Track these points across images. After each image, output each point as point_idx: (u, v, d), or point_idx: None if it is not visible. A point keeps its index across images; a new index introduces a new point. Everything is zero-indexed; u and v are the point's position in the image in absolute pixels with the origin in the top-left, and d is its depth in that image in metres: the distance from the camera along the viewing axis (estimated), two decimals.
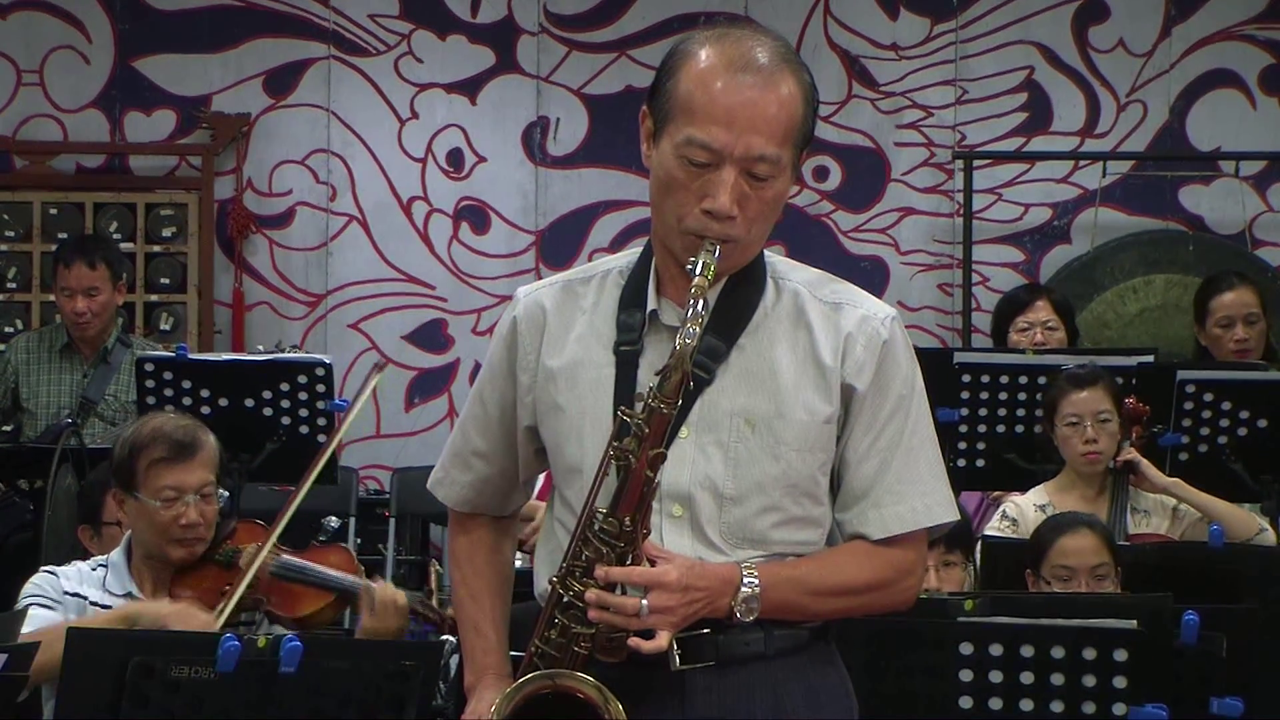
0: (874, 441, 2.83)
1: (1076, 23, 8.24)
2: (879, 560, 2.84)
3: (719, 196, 2.74)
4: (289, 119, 8.20)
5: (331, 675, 3.37)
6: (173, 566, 4.16)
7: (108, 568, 4.16)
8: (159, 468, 4.12)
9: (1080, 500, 5.25)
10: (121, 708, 3.28)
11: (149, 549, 4.15)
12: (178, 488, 4.12)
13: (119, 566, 4.16)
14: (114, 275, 6.69)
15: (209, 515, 4.16)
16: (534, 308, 2.93)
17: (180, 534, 4.12)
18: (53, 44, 8.15)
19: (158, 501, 4.11)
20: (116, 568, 4.15)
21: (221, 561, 4.18)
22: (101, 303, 6.64)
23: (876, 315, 2.86)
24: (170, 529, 4.11)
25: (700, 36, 2.81)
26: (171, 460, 4.13)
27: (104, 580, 4.13)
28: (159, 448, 4.14)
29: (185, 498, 4.12)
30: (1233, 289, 6.40)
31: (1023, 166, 8.25)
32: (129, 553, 4.18)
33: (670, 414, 2.71)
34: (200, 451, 4.17)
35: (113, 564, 4.17)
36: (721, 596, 2.74)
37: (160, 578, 4.16)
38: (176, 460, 4.13)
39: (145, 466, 4.13)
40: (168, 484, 4.11)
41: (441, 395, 8.21)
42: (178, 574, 4.16)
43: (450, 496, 3.05)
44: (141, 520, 4.14)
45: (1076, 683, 3.55)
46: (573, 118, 8.22)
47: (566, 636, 2.74)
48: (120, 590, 4.11)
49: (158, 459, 4.13)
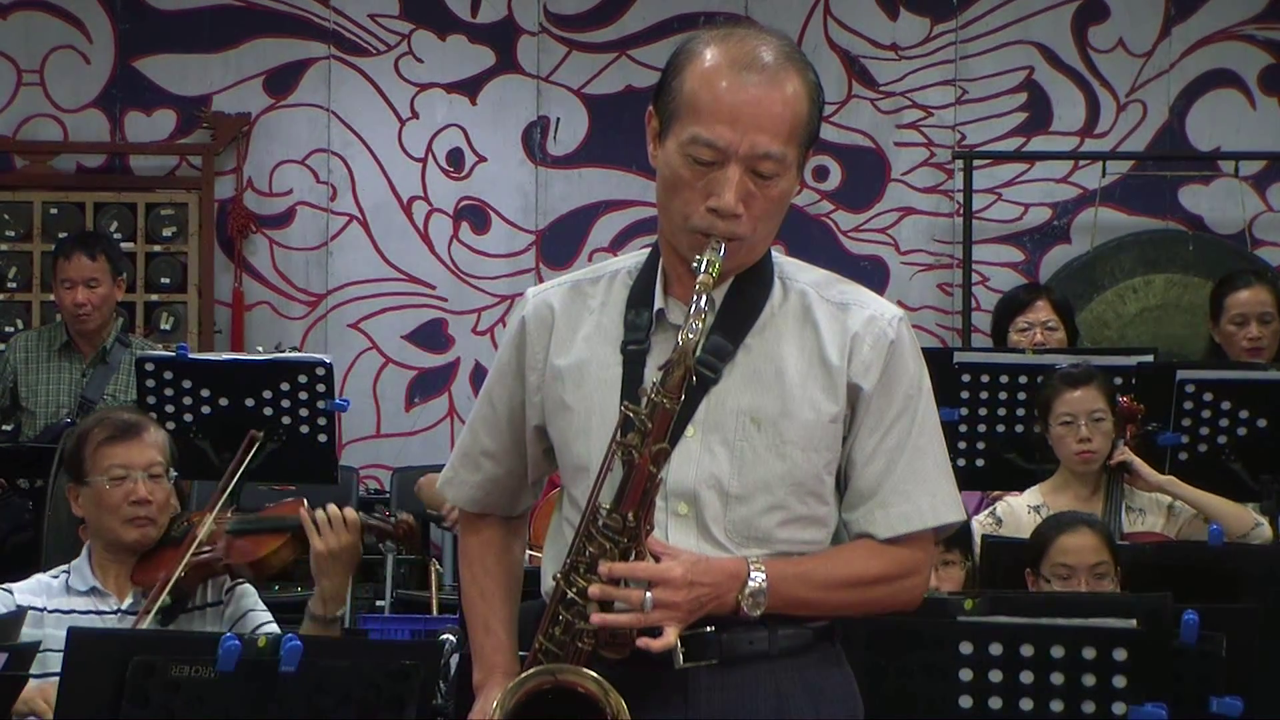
0: (881, 441, 2.83)
1: (1076, 23, 8.24)
2: (885, 557, 2.84)
3: (724, 195, 2.75)
4: (289, 119, 8.21)
5: (331, 674, 3.37)
6: (133, 554, 4.17)
7: (69, 572, 4.18)
8: (105, 448, 4.17)
9: (1075, 500, 5.25)
10: (122, 707, 3.28)
11: (105, 537, 4.17)
12: (125, 465, 4.16)
13: (81, 566, 4.17)
14: (114, 269, 6.69)
15: (159, 496, 4.18)
16: (542, 308, 2.94)
17: (131, 512, 4.14)
18: (53, 44, 8.15)
19: (106, 480, 4.14)
20: (78, 568, 4.17)
21: (177, 538, 4.20)
22: (101, 295, 6.63)
23: (884, 315, 2.86)
24: (121, 508, 4.14)
25: (705, 36, 2.82)
26: (117, 439, 4.18)
27: (66, 584, 4.14)
28: (104, 429, 4.21)
29: (133, 474, 4.15)
30: (1249, 287, 6.40)
31: (1022, 166, 8.26)
32: (89, 551, 4.20)
33: (674, 409, 2.72)
34: (145, 433, 4.22)
35: (75, 566, 4.18)
36: (728, 592, 2.74)
37: (122, 568, 4.17)
38: (121, 439, 4.18)
39: (92, 451, 4.18)
40: (115, 462, 4.16)
41: (442, 395, 8.22)
42: (139, 561, 4.18)
43: (459, 497, 3.06)
44: (94, 505, 4.17)
45: (1076, 682, 3.55)
46: (573, 118, 8.23)
47: (570, 633, 2.74)
48: (84, 587, 4.13)
49: (103, 440, 4.18)
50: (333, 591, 4.11)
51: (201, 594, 4.18)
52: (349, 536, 4.13)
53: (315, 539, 4.13)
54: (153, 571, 4.15)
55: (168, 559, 4.16)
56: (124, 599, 4.14)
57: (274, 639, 3.37)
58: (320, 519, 4.14)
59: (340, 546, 4.12)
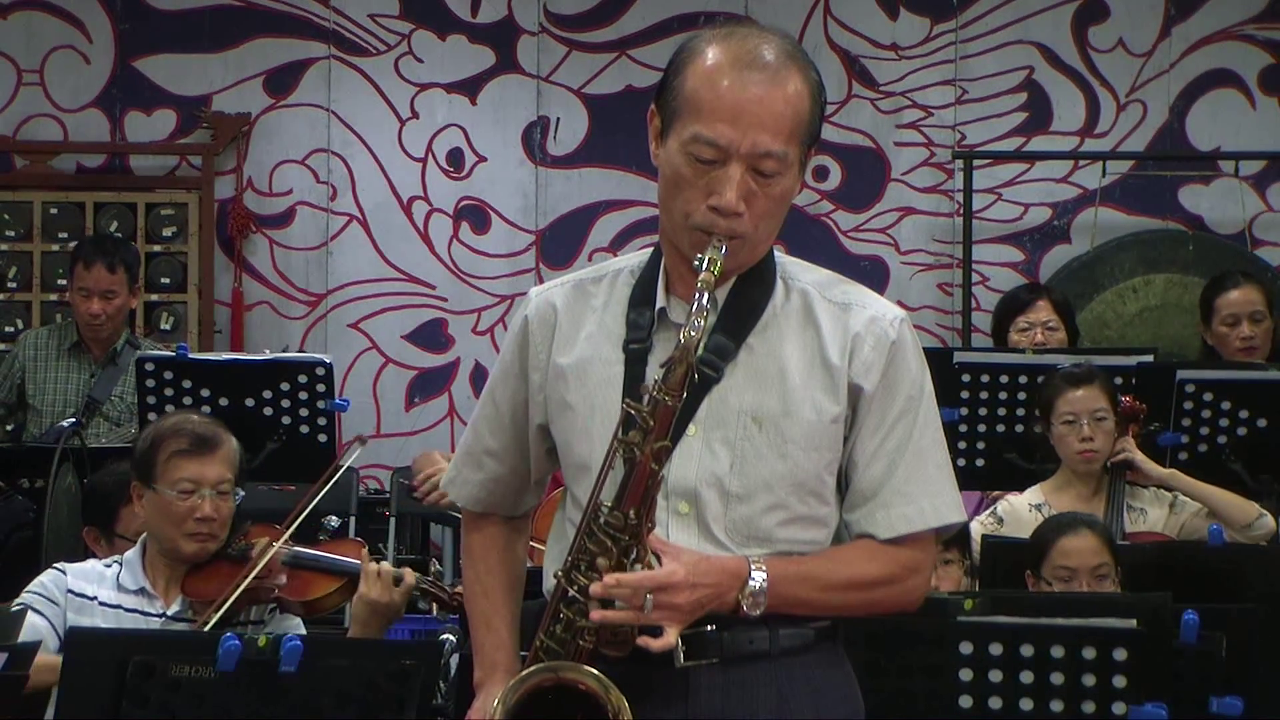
0: (882, 442, 2.84)
1: (1076, 23, 8.24)
2: (886, 558, 2.84)
3: (725, 193, 2.75)
4: (289, 119, 8.20)
5: (331, 674, 3.37)
6: (186, 563, 4.17)
7: (122, 565, 4.18)
8: (178, 459, 4.16)
9: (1076, 499, 5.25)
10: (122, 707, 3.29)
11: (162, 543, 4.17)
12: (195, 480, 4.15)
13: (133, 563, 4.18)
14: (131, 279, 6.73)
15: (224, 512, 4.18)
16: (545, 307, 2.94)
17: (194, 528, 4.14)
18: (53, 44, 8.15)
19: (174, 493, 4.13)
20: (130, 564, 4.18)
21: (235, 555, 4.21)
22: (117, 306, 6.67)
23: (885, 316, 2.86)
24: (185, 522, 4.14)
25: (707, 35, 2.82)
26: (191, 453, 4.17)
27: (118, 577, 4.15)
28: (180, 440, 4.19)
29: (202, 490, 4.15)
30: (1238, 287, 6.42)
31: (1022, 166, 8.26)
32: (144, 549, 4.21)
33: (675, 406, 2.72)
34: (220, 448, 4.21)
35: (127, 561, 4.19)
36: (729, 591, 2.74)
37: (174, 574, 4.18)
38: (196, 453, 4.17)
39: (165, 458, 4.17)
40: (186, 476, 4.15)
41: (442, 395, 8.21)
42: (191, 570, 4.18)
43: (462, 496, 3.06)
44: (157, 512, 4.17)
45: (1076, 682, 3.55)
46: (573, 117, 8.22)
47: (571, 630, 2.74)
48: (134, 586, 4.14)
49: (178, 451, 4.17)
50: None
51: (246, 614, 4.19)
52: (398, 597, 4.19)
53: (364, 585, 4.16)
54: (205, 584, 4.15)
55: (221, 574, 4.16)
56: (170, 605, 4.14)
57: (274, 639, 3.37)
58: (371, 571, 4.16)
59: (386, 603, 4.18)
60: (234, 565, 4.19)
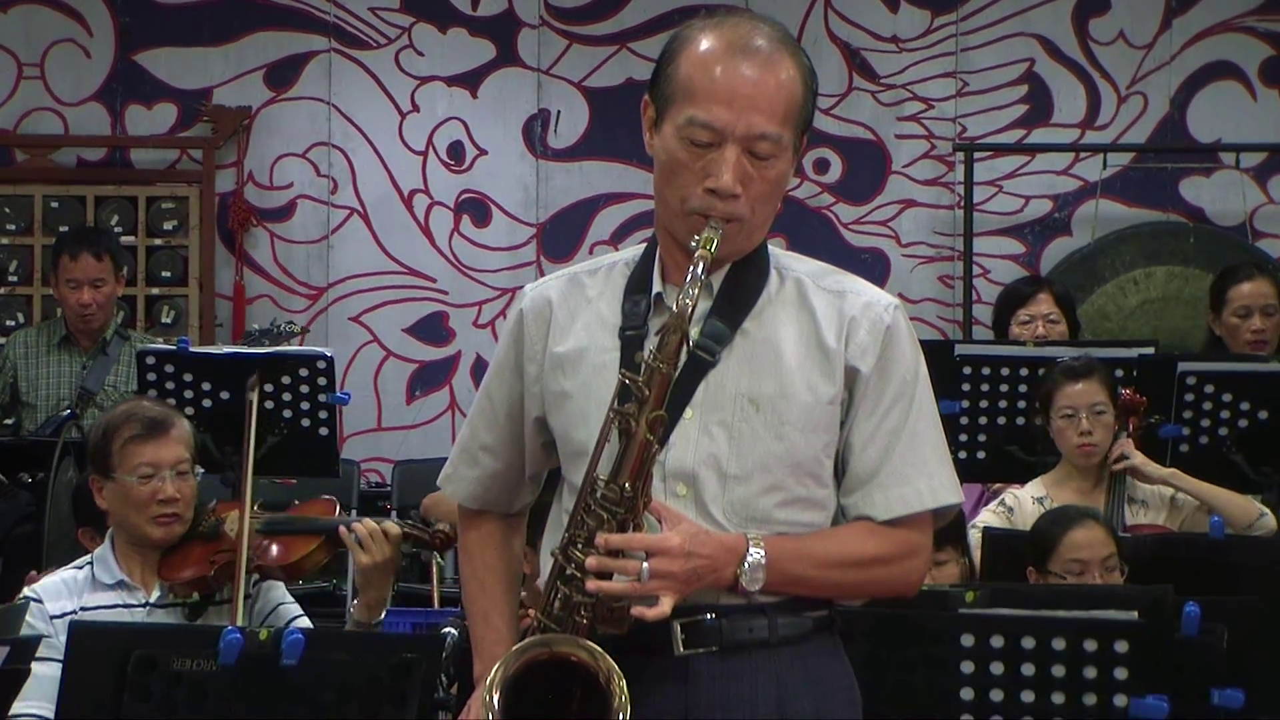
0: (879, 425, 2.85)
1: (1077, 15, 8.24)
2: (884, 538, 2.85)
3: (722, 175, 2.76)
4: (290, 112, 8.20)
5: (333, 668, 3.37)
6: (157, 548, 4.17)
7: (93, 563, 4.18)
8: (133, 445, 4.17)
9: (1077, 493, 5.24)
10: (123, 701, 3.28)
11: (130, 531, 4.18)
12: (154, 463, 4.16)
13: (105, 558, 4.18)
14: (117, 266, 6.72)
15: (186, 492, 4.19)
16: (539, 300, 2.95)
17: (158, 510, 4.15)
18: (54, 37, 8.15)
19: (134, 479, 4.14)
20: (103, 560, 4.18)
21: (206, 533, 4.21)
22: (106, 294, 6.66)
23: (880, 302, 2.88)
24: (149, 506, 4.15)
25: (699, 23, 2.84)
26: (145, 437, 4.18)
27: (92, 576, 4.15)
28: (132, 425, 4.20)
29: (161, 473, 4.16)
30: (1252, 279, 6.39)
31: (1023, 159, 8.26)
32: (113, 542, 4.21)
33: (670, 374, 2.73)
34: (174, 428, 4.22)
35: (98, 558, 4.19)
36: (726, 565, 2.75)
37: (148, 561, 4.18)
38: (150, 437, 4.18)
39: (120, 446, 4.18)
40: (144, 460, 4.16)
41: (443, 388, 8.22)
42: (166, 554, 4.18)
43: (458, 493, 3.07)
44: (120, 501, 4.18)
45: (1077, 674, 3.55)
46: (573, 110, 8.22)
47: (568, 607, 2.75)
48: (111, 580, 4.14)
49: (132, 437, 4.18)
50: (378, 599, 4.19)
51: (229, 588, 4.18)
52: (391, 549, 4.20)
53: (360, 555, 4.19)
54: (180, 567, 4.16)
55: (195, 554, 4.17)
56: (151, 592, 4.14)
57: (275, 632, 3.37)
58: (362, 535, 4.19)
59: (384, 561, 4.18)
60: (207, 544, 4.20)
